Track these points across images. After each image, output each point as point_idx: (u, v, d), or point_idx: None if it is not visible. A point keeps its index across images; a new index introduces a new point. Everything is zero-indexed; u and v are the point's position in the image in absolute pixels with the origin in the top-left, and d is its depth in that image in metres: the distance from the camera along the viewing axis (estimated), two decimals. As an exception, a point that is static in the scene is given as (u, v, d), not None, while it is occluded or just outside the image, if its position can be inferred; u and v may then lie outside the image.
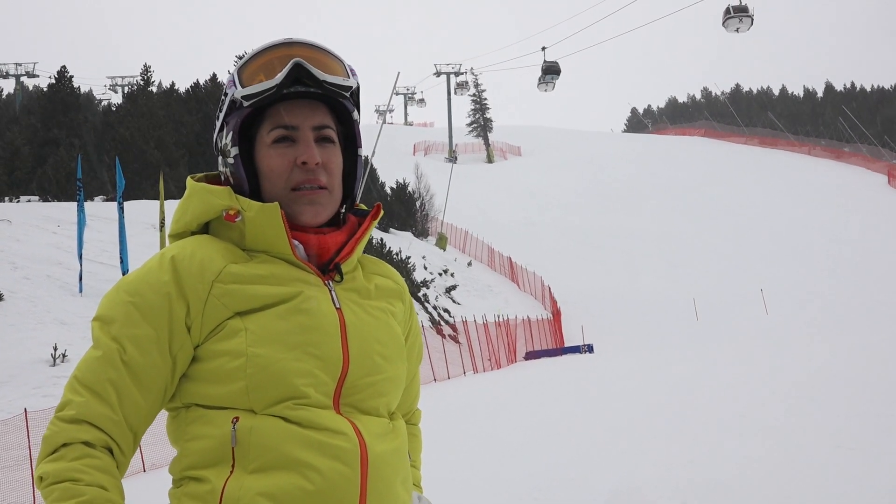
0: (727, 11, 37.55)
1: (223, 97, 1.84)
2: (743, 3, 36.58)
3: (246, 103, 1.78)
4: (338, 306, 1.76)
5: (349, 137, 1.89)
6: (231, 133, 1.80)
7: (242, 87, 1.78)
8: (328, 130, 1.82)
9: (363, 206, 1.93)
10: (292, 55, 1.78)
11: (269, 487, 1.60)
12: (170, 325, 1.68)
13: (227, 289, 1.70)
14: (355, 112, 1.88)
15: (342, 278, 1.81)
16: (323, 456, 1.62)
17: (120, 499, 1.60)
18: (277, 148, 1.78)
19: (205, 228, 1.84)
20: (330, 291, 1.77)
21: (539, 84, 58.90)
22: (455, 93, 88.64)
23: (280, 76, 1.75)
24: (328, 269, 1.80)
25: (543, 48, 51.06)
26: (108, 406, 1.63)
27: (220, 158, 1.85)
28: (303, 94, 1.79)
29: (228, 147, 1.81)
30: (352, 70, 1.85)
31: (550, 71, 51.13)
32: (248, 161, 1.81)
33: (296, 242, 1.77)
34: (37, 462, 1.62)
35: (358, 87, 1.86)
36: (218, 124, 1.86)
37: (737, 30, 37.68)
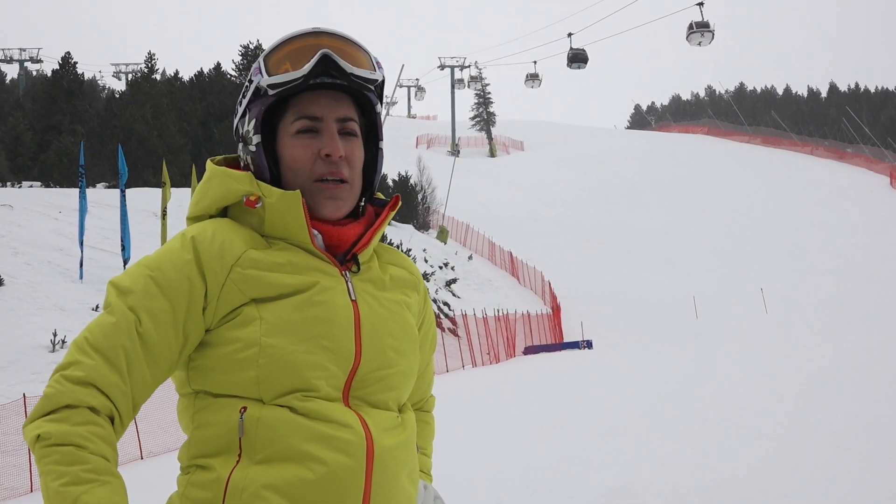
0: (690, 27, 40.61)
1: (247, 83, 1.82)
2: (704, 20, 39.87)
3: (271, 92, 1.77)
4: (353, 298, 1.75)
5: (370, 129, 1.88)
6: (254, 121, 1.79)
7: (269, 75, 1.76)
8: (352, 123, 1.81)
9: (381, 196, 1.92)
10: (320, 45, 1.76)
11: (274, 479, 1.59)
12: (188, 303, 1.66)
13: (245, 274, 1.68)
14: (378, 104, 1.86)
15: (359, 268, 1.80)
16: (328, 449, 1.61)
17: (118, 474, 1.56)
18: (301, 138, 1.77)
19: (223, 213, 1.82)
20: (346, 282, 1.76)
21: (526, 81, 59.04)
22: (468, 86, 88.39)
23: (307, 67, 1.74)
24: (345, 259, 1.79)
25: (570, 34, 46.62)
26: (118, 374, 1.60)
27: (240, 145, 1.84)
28: (328, 86, 1.78)
29: (251, 134, 1.79)
30: (378, 63, 1.83)
31: (577, 59, 46.77)
32: (270, 150, 1.80)
33: (315, 232, 1.76)
34: (28, 419, 1.57)
35: (383, 80, 1.85)
36: (240, 110, 1.84)
37: (699, 43, 40.97)
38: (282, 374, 1.63)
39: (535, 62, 59.45)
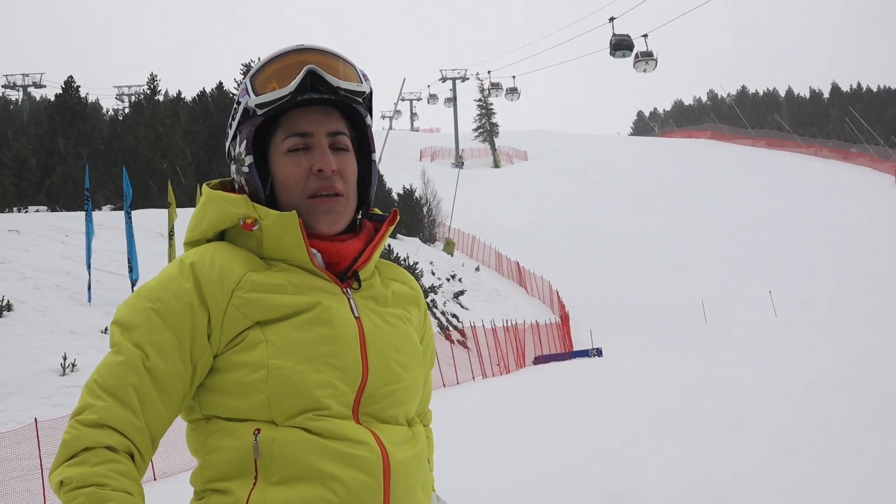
0: (636, 56, 43.91)
1: (236, 105, 1.83)
2: (648, 49, 44.05)
3: (259, 111, 1.77)
4: (356, 315, 1.74)
5: (362, 143, 1.88)
6: (245, 142, 1.79)
7: (256, 95, 1.77)
8: (342, 137, 1.81)
9: (378, 211, 1.92)
10: (305, 62, 1.77)
11: (293, 499, 1.59)
12: (192, 332, 1.66)
13: (246, 298, 1.68)
14: (368, 117, 1.86)
15: (360, 286, 1.80)
16: (346, 466, 1.61)
17: None
18: (292, 156, 1.77)
19: (220, 236, 1.82)
20: (348, 300, 1.76)
21: (506, 94, 59.51)
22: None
23: (293, 84, 1.74)
24: (346, 276, 1.79)
25: (612, 18, 41.41)
26: (130, 411, 1.61)
27: (232, 166, 1.84)
28: (316, 101, 1.78)
29: (243, 156, 1.80)
30: (364, 75, 1.84)
31: (621, 46, 41.71)
32: (263, 169, 1.80)
33: (314, 251, 1.76)
34: (52, 467, 1.59)
35: (371, 92, 1.85)
36: (231, 132, 1.84)
37: (644, 70, 44.93)
38: (291, 394, 1.64)
39: (513, 77, 60.21)
